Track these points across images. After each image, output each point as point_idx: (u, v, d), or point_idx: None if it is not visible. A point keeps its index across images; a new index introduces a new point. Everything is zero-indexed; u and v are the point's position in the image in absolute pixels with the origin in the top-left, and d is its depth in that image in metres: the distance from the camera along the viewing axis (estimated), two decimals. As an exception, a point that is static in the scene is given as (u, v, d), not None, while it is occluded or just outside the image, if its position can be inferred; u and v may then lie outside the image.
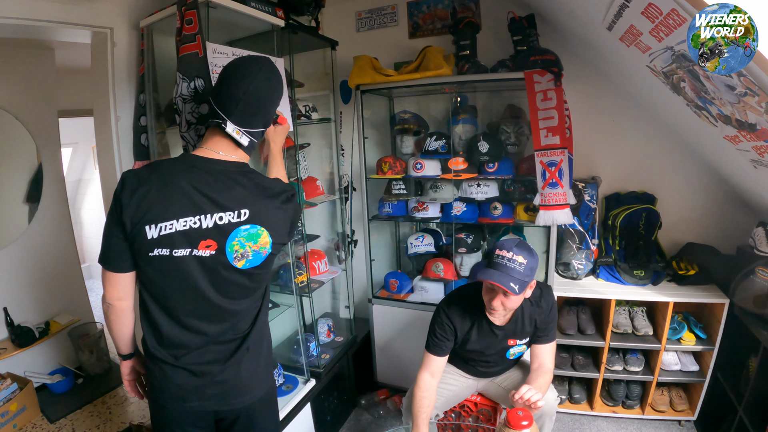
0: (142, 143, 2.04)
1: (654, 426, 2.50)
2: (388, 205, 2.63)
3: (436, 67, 2.28)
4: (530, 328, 1.87)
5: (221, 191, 1.18)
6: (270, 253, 1.26)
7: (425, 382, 1.84)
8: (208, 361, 1.27)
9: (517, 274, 1.63)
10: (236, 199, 1.19)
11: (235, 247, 1.19)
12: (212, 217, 1.16)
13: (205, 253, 1.17)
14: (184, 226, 1.15)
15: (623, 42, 1.71)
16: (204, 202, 1.16)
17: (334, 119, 2.60)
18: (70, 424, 2.71)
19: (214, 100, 1.23)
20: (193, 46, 1.64)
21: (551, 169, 2.15)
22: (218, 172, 1.20)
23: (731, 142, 1.75)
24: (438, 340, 1.87)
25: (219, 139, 1.24)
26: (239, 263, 1.21)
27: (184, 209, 1.15)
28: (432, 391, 1.84)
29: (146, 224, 1.14)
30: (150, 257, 1.16)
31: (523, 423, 1.54)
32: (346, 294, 2.84)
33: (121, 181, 1.17)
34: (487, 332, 1.86)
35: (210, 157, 1.22)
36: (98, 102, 2.10)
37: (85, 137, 4.91)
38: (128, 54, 2.05)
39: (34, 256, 3.02)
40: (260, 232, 1.21)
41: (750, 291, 2.10)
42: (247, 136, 1.24)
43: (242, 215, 1.19)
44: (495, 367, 2.02)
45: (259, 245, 1.22)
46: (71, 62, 3.26)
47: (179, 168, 1.19)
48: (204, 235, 1.16)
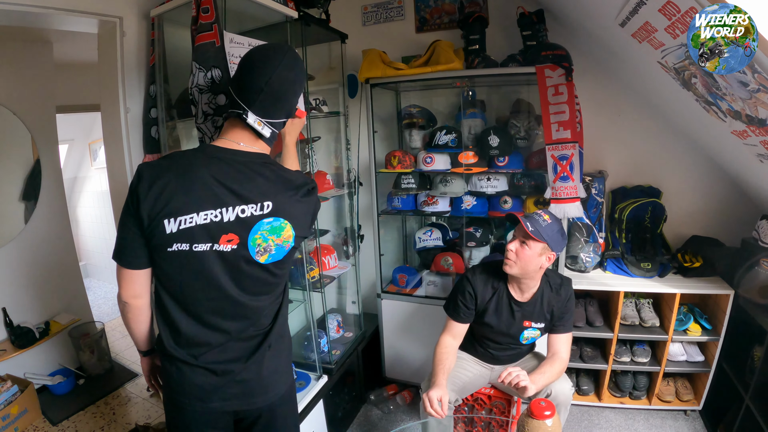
0: (153, 136, 2.01)
1: (660, 416, 2.53)
2: (398, 200, 2.63)
3: (447, 61, 2.28)
4: (547, 314, 1.91)
5: (243, 183, 1.13)
6: (292, 246, 1.22)
7: (447, 341, 1.94)
8: (228, 360, 1.23)
9: (538, 225, 1.76)
10: (259, 191, 1.14)
11: (258, 241, 1.15)
12: (234, 209, 1.12)
13: (227, 247, 1.13)
14: (205, 220, 1.10)
15: (635, 38, 1.72)
16: (226, 194, 1.11)
17: (343, 113, 2.59)
18: (73, 426, 2.67)
19: (234, 90, 1.18)
20: (210, 35, 1.61)
21: (562, 162, 2.16)
22: (240, 163, 1.15)
23: (739, 137, 1.77)
24: (459, 305, 1.93)
25: (239, 130, 1.20)
26: (262, 258, 1.17)
27: (205, 202, 1.10)
28: (453, 350, 1.93)
29: (165, 218, 1.08)
30: (168, 253, 1.11)
31: (545, 413, 1.55)
32: (353, 289, 2.82)
33: (137, 173, 1.11)
34: (505, 306, 1.91)
35: (231, 147, 1.18)
36: (106, 94, 2.05)
37: (82, 133, 4.84)
38: (138, 44, 2.01)
39: (32, 255, 2.96)
40: (284, 225, 1.18)
41: (755, 282, 2.13)
42: (268, 127, 1.19)
43: (265, 208, 1.15)
44: (508, 352, 2.04)
45: (282, 239, 1.19)
46: (69, 56, 3.21)
47: (199, 159, 1.14)
48: (226, 229, 1.12)
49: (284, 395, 1.36)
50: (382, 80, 2.44)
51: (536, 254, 1.76)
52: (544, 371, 1.81)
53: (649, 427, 2.46)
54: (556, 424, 1.58)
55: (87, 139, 4.95)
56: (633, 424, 2.49)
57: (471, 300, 1.92)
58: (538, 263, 1.78)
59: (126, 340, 3.76)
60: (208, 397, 1.24)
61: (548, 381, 1.81)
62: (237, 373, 1.23)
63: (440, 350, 1.90)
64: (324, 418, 2.25)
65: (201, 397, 1.24)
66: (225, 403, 1.26)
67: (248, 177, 1.15)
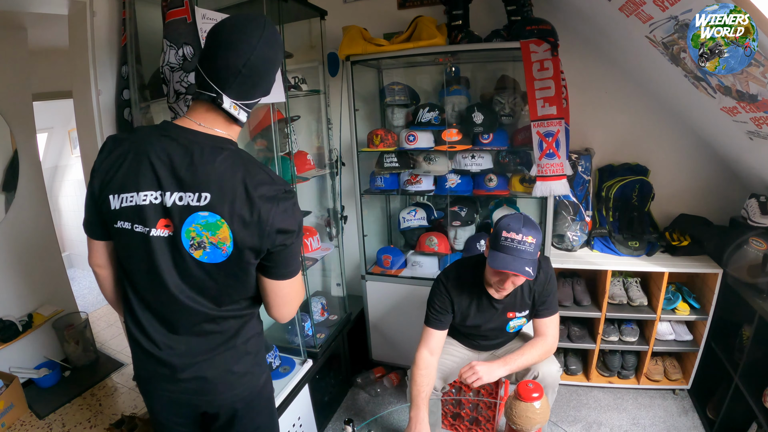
0: (125, 118, 1.96)
1: (649, 395, 2.53)
2: (380, 179, 2.58)
3: (429, 36, 2.22)
4: (529, 300, 1.86)
5: (188, 168, 1.02)
6: (232, 253, 1.05)
7: (424, 359, 1.82)
8: (177, 354, 1.15)
9: (529, 255, 1.60)
10: (201, 180, 1.02)
11: (192, 234, 1.04)
12: (173, 195, 1.03)
13: (164, 233, 1.05)
14: (144, 201, 1.03)
15: (623, 12, 1.68)
16: (168, 178, 1.02)
17: (324, 91, 2.54)
18: (60, 419, 2.64)
19: (204, 69, 1.04)
20: (181, 11, 1.56)
21: (548, 139, 2.12)
22: (193, 144, 1.04)
23: (728, 114, 1.75)
24: (437, 313, 1.85)
25: (208, 112, 1.07)
26: (196, 253, 1.05)
27: (147, 182, 1.03)
28: (431, 369, 1.81)
29: (110, 193, 1.04)
30: (115, 229, 1.07)
31: (533, 395, 1.54)
32: (337, 271, 2.79)
33: (102, 144, 1.09)
34: (486, 307, 1.85)
35: (190, 127, 1.06)
36: (78, 77, 1.98)
37: (60, 121, 4.75)
38: (109, 24, 1.94)
39: (12, 247, 2.90)
40: (220, 224, 1.03)
41: (744, 261, 2.12)
42: (244, 110, 1.08)
43: (202, 199, 1.02)
44: (495, 341, 2.01)
45: (218, 238, 1.04)
46: (44, 42, 3.12)
47: (154, 136, 1.06)
48: (163, 214, 1.04)
49: (248, 398, 1.25)
50: (363, 57, 2.37)
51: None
52: (523, 352, 1.80)
53: (638, 406, 2.46)
54: (545, 405, 1.57)
55: (66, 126, 4.86)
56: (622, 404, 2.49)
57: (449, 305, 1.84)
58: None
59: (111, 329, 3.72)
60: (161, 385, 1.19)
61: (527, 362, 1.80)
62: (184, 368, 1.16)
63: (418, 372, 1.79)
64: (310, 402, 2.23)
65: (153, 384, 1.20)
66: (178, 396, 1.20)
67: (196, 162, 1.03)
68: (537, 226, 1.66)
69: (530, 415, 1.53)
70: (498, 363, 1.77)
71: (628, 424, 2.33)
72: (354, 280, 2.88)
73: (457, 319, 1.88)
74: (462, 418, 2.19)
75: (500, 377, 1.78)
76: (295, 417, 2.10)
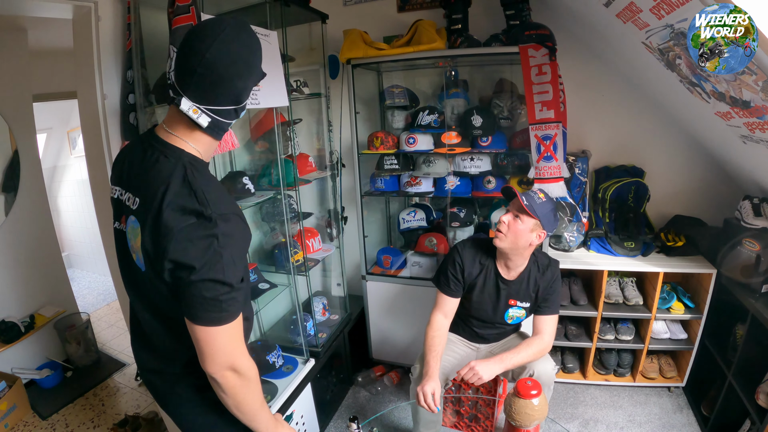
0: (131, 122, 1.97)
1: (645, 393, 2.58)
2: (381, 181, 2.61)
3: (429, 40, 2.25)
4: (533, 293, 1.93)
5: (138, 170, 1.05)
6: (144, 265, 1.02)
7: (438, 321, 1.94)
8: (140, 346, 1.23)
9: (533, 201, 1.77)
10: (138, 184, 1.03)
11: (130, 234, 1.06)
12: (126, 193, 1.07)
13: (124, 228, 1.09)
14: (115, 195, 1.12)
15: (620, 18, 1.71)
16: (129, 177, 1.08)
17: (325, 94, 2.56)
18: (63, 419, 2.66)
19: (172, 73, 1.05)
20: (187, 17, 1.57)
21: (546, 142, 2.16)
22: (148, 147, 1.05)
23: (722, 119, 1.78)
24: (449, 276, 1.94)
25: (176, 117, 1.04)
26: (134, 254, 1.07)
27: (120, 179, 1.12)
28: (444, 330, 1.93)
29: (112, 184, 1.16)
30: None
31: (532, 392, 1.58)
32: (337, 272, 2.82)
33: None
34: (492, 283, 1.94)
35: (157, 131, 1.07)
36: (82, 81, 1.99)
37: (59, 121, 4.74)
38: (114, 28, 1.95)
39: (13, 248, 2.92)
40: (137, 232, 1.01)
41: (737, 261, 2.16)
42: (207, 114, 1.01)
43: (135, 203, 1.03)
44: (492, 330, 2.07)
45: (138, 244, 1.02)
46: (44, 44, 3.12)
47: (138, 138, 1.16)
48: (123, 211, 1.09)
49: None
50: (363, 60, 2.40)
51: (528, 230, 1.77)
52: (519, 350, 1.86)
53: (634, 403, 2.50)
54: (543, 402, 1.60)
55: (65, 127, 4.85)
56: (618, 401, 2.53)
57: (460, 271, 1.93)
58: (528, 239, 1.79)
59: (112, 330, 3.74)
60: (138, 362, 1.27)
61: (523, 360, 1.85)
62: (148, 364, 1.21)
63: (431, 333, 1.90)
64: (312, 401, 2.27)
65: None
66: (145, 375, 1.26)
67: (143, 166, 1.04)
68: (553, 201, 1.86)
69: (529, 412, 1.56)
70: (494, 360, 1.82)
71: (624, 421, 2.38)
72: (354, 280, 2.91)
73: (465, 290, 1.97)
74: (461, 415, 2.22)
75: (497, 374, 1.83)
76: (298, 415, 2.13)
